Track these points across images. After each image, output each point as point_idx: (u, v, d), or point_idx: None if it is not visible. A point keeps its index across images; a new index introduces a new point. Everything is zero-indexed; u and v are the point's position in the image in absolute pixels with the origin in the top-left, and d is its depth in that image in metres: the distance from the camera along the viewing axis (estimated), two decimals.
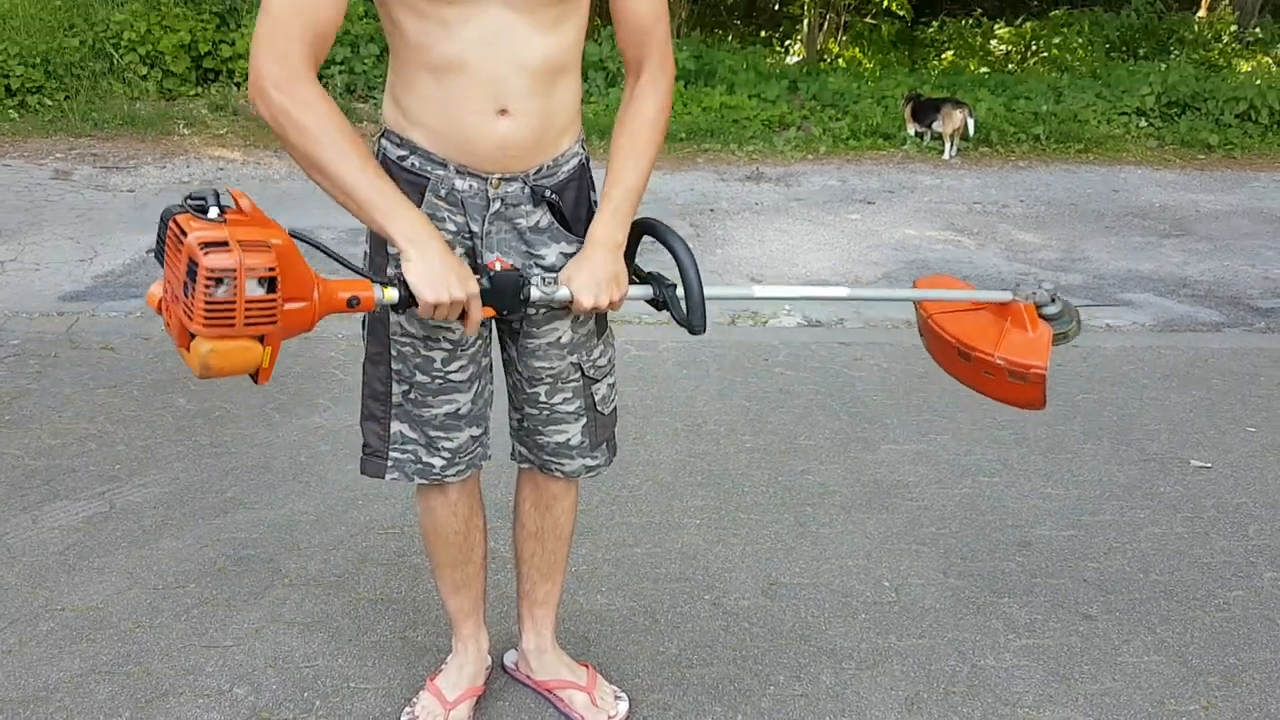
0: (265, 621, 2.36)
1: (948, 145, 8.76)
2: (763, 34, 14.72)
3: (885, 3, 12.21)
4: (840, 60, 13.11)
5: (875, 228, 6.57)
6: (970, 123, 8.70)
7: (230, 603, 2.43)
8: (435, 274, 1.56)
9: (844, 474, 3.20)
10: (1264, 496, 3.12)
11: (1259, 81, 10.45)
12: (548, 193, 1.72)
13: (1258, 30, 13.30)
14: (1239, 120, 9.75)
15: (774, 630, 2.41)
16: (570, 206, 1.77)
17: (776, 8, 15.53)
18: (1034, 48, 13.40)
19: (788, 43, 14.20)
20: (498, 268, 1.67)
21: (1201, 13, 13.89)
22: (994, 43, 14.00)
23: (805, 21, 13.07)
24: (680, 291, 1.75)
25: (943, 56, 13.62)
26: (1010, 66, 12.95)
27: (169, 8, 9.22)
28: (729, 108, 9.51)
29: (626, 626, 2.41)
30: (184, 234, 1.42)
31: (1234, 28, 13.18)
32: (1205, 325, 4.91)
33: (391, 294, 1.61)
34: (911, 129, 9.09)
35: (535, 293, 1.70)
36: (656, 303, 1.79)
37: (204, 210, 1.44)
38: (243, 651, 2.25)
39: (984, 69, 12.67)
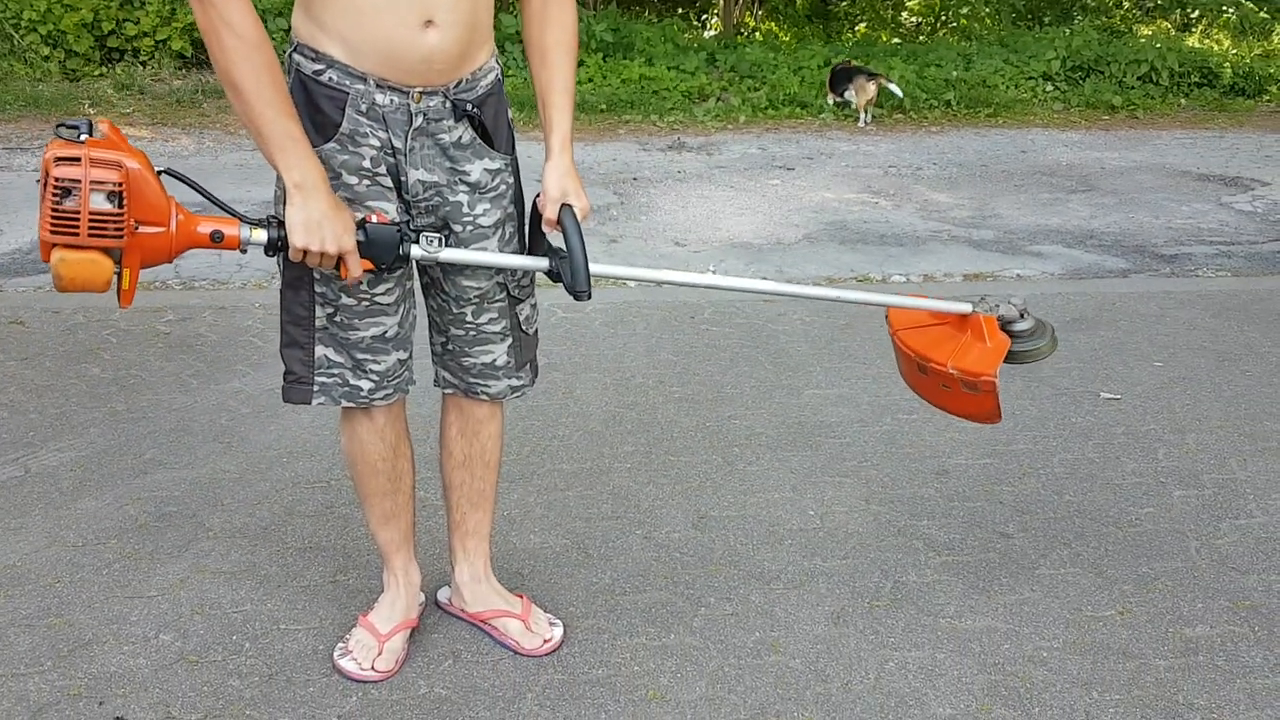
0: (190, 572, 2.33)
1: (861, 114, 8.88)
2: (679, 10, 14.73)
3: None
4: (757, 34, 13.20)
5: (795, 192, 6.65)
6: (892, 87, 8.83)
7: (154, 556, 2.39)
8: (313, 222, 1.60)
9: (769, 417, 3.24)
10: (1171, 423, 3.23)
11: (1158, 45, 10.79)
12: (469, 106, 1.72)
13: None
14: (1140, 82, 10.06)
15: (704, 559, 2.45)
16: (490, 121, 1.78)
17: None
18: (943, 18, 13.64)
19: (704, 17, 14.25)
20: (374, 220, 1.69)
21: None
22: (905, 14, 14.22)
23: None
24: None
25: (856, 29, 13.79)
26: (921, 37, 13.17)
27: None
28: (648, 79, 9.53)
29: (559, 561, 2.42)
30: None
31: None
32: (1112, 272, 5.07)
33: (260, 234, 1.66)
34: (830, 98, 9.20)
35: (417, 251, 1.72)
36: (552, 274, 1.82)
37: (75, 134, 1.54)
38: (167, 601, 2.22)
39: (896, 40, 12.87)
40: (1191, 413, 3.31)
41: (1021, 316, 2.05)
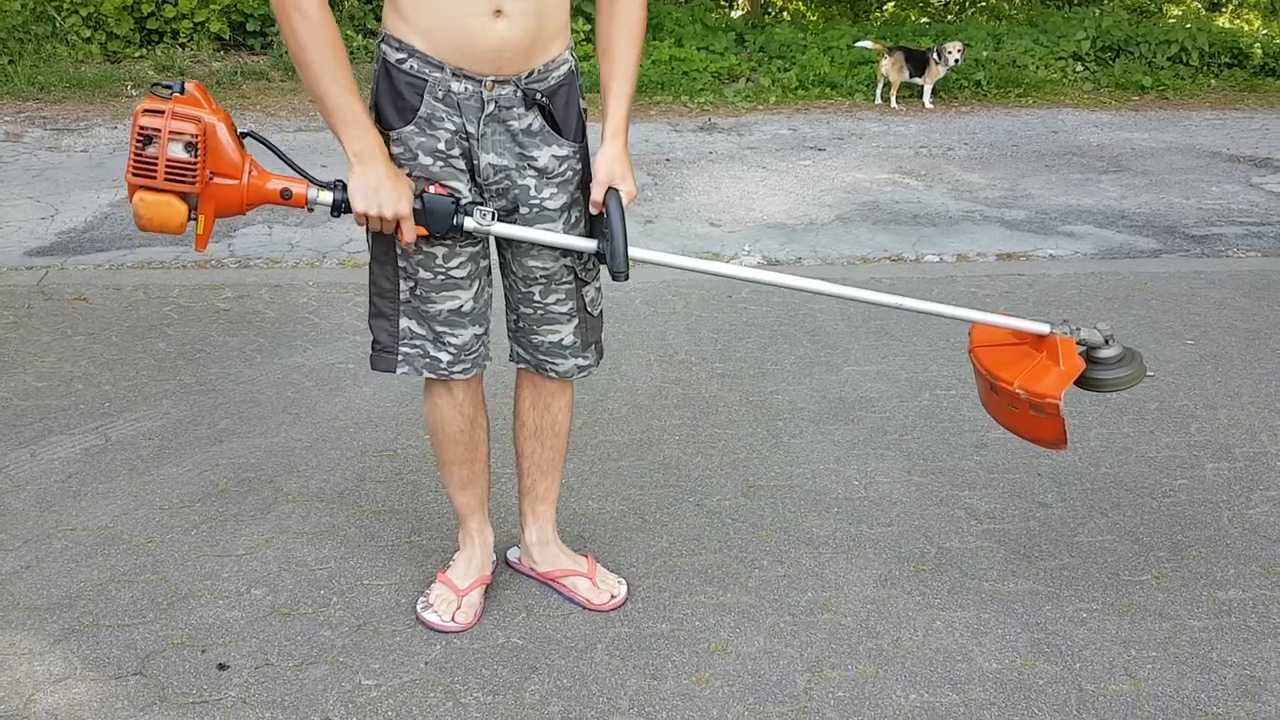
0: (274, 533, 2.47)
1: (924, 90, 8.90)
2: None
3: None
4: (785, 14, 13.22)
5: (827, 173, 6.73)
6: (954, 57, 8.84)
7: (238, 518, 2.53)
8: (371, 188, 1.77)
9: (810, 393, 3.35)
10: (1204, 399, 3.33)
11: (1189, 26, 10.77)
12: (539, 96, 1.84)
13: None
14: (1171, 63, 10.04)
15: (754, 525, 2.57)
16: (560, 111, 1.89)
17: None
18: None
19: None
20: (431, 191, 1.84)
21: None
22: None
23: None
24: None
25: (885, 8, 13.78)
26: (950, 17, 13.15)
27: None
28: (678, 60, 9.59)
29: (618, 526, 2.55)
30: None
31: None
32: (1144, 252, 5.13)
33: (325, 196, 1.84)
34: (885, 64, 9.00)
35: (470, 223, 1.86)
36: (600, 255, 1.93)
37: (168, 92, 1.75)
38: (256, 559, 2.36)
39: (924, 19, 12.86)
40: (1223, 389, 3.40)
41: (1106, 343, 2.05)
